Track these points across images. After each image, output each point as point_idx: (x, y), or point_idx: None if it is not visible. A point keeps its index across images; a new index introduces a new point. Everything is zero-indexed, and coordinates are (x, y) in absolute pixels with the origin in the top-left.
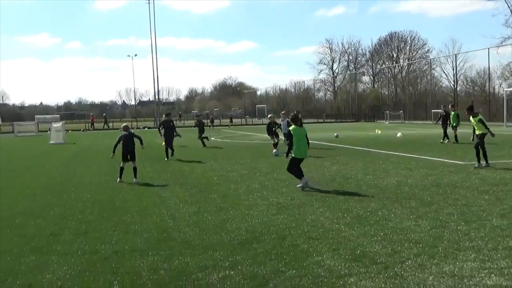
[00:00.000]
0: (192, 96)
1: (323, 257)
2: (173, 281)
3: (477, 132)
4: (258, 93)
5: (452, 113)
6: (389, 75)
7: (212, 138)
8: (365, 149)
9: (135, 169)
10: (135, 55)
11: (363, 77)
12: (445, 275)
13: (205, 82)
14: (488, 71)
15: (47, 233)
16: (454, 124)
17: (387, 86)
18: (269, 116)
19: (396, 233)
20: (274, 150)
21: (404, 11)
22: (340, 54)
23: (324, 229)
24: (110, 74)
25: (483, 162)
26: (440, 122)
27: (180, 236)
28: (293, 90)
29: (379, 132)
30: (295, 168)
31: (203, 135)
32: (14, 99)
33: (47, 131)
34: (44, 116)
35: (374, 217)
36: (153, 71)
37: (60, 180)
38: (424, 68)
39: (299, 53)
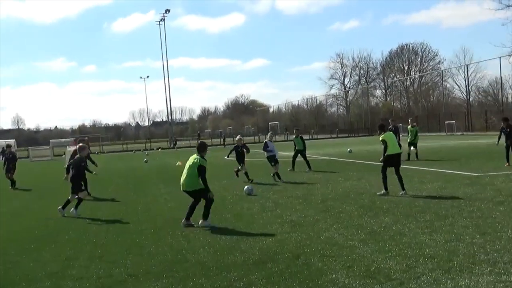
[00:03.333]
0: (205, 115)
1: (337, 275)
2: None
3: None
4: (271, 110)
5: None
6: (401, 88)
7: (225, 157)
8: (379, 163)
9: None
10: (147, 76)
11: (375, 90)
12: None
13: (218, 101)
14: (500, 81)
15: (62, 257)
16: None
17: (399, 99)
18: (237, 137)
19: (410, 248)
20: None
21: (417, 22)
22: (351, 69)
23: (338, 246)
24: (124, 96)
25: None
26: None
27: (195, 257)
28: (305, 106)
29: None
30: None
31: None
32: (29, 124)
33: (62, 155)
34: (59, 139)
35: (389, 232)
36: (166, 92)
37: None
38: (436, 79)
39: (311, 68)
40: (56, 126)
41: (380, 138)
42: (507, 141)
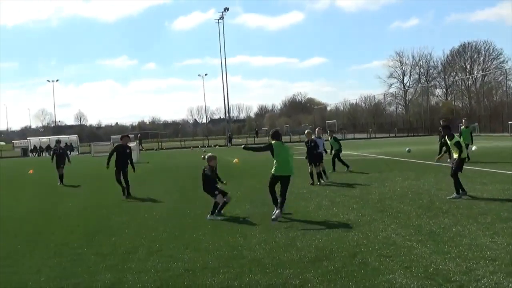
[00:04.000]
0: (262, 113)
1: (394, 275)
2: None
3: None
4: (328, 108)
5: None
6: (462, 87)
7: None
8: (438, 164)
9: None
10: (205, 74)
11: (436, 89)
12: None
13: (275, 99)
14: None
15: (122, 251)
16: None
17: (461, 98)
18: (208, 156)
19: (471, 250)
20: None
21: (480, 20)
22: (411, 67)
23: (395, 246)
24: (183, 93)
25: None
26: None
27: (251, 254)
28: (363, 104)
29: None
30: (271, 188)
31: None
32: (91, 120)
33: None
34: (119, 136)
35: (448, 233)
36: (223, 89)
37: (133, 199)
38: (500, 79)
39: (370, 67)
40: (116, 123)
41: (456, 141)
42: None
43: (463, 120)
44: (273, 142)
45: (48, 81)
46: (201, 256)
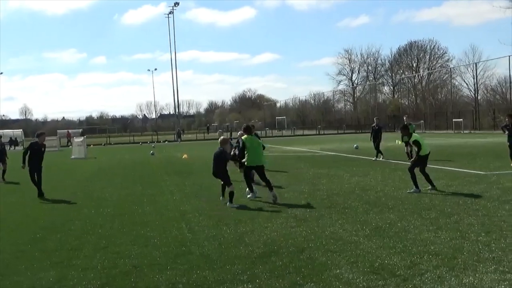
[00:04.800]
0: (212, 109)
1: (341, 270)
2: None
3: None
4: (278, 105)
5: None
6: (409, 85)
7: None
8: (385, 160)
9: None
10: (155, 69)
11: (383, 87)
12: (465, 287)
13: (226, 95)
14: (509, 80)
15: (68, 247)
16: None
17: (407, 96)
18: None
19: (415, 244)
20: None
21: (427, 20)
22: (359, 65)
23: (343, 242)
24: (132, 88)
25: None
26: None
27: (199, 250)
28: (312, 101)
29: (399, 142)
30: (247, 177)
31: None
32: (37, 114)
33: (68, 146)
34: (66, 130)
35: (394, 228)
36: (173, 84)
37: (81, 195)
38: (445, 77)
39: (320, 64)
40: (63, 117)
41: (415, 140)
42: (510, 139)
43: (404, 118)
44: (244, 136)
45: None
46: (149, 252)
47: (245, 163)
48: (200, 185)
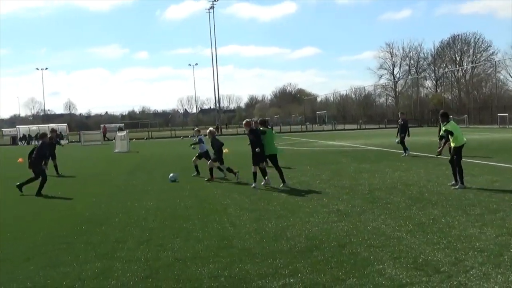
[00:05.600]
0: (252, 103)
1: (384, 266)
2: None
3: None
4: (318, 99)
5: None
6: (452, 79)
7: None
8: (428, 155)
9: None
10: (196, 64)
11: (425, 81)
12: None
13: (266, 90)
14: None
15: (112, 239)
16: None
17: (450, 90)
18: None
19: (460, 241)
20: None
21: (471, 12)
22: (401, 59)
23: (385, 237)
24: (174, 83)
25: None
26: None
27: (241, 244)
28: (353, 95)
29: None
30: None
31: None
32: (81, 109)
33: (112, 140)
34: (109, 125)
35: (437, 224)
36: (214, 79)
37: (124, 188)
38: (489, 71)
39: (361, 58)
40: (106, 112)
41: (447, 128)
42: None
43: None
44: (261, 128)
45: (37, 69)
46: (191, 245)
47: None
48: (241, 179)
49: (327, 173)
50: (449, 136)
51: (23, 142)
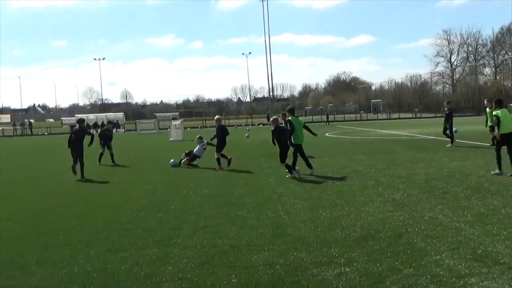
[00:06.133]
0: (306, 92)
1: (441, 256)
2: (289, 276)
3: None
4: (373, 88)
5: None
6: None
7: (326, 134)
8: (487, 144)
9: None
10: (249, 53)
11: (484, 69)
12: None
13: (320, 78)
14: None
15: (168, 226)
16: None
17: (510, 78)
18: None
19: None
20: None
21: None
22: (459, 46)
23: (442, 227)
24: (228, 72)
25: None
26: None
27: (295, 232)
28: (409, 84)
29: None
30: (296, 154)
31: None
32: (137, 98)
33: (167, 129)
34: (164, 114)
35: (497, 215)
36: (267, 68)
37: (180, 176)
38: None
39: (417, 45)
40: (161, 101)
41: (494, 112)
42: None
43: (485, 101)
44: (291, 117)
45: (95, 59)
46: (246, 233)
47: (292, 141)
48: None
49: (382, 162)
50: (497, 122)
51: None
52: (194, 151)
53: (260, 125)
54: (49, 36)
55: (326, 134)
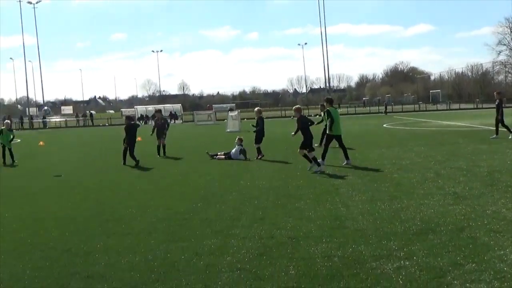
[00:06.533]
0: (363, 82)
1: (505, 252)
2: (347, 268)
3: None
4: (432, 78)
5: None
6: None
7: (384, 125)
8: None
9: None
10: (305, 43)
11: None
12: None
13: (377, 69)
14: None
15: (227, 217)
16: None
17: None
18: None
19: None
20: None
21: None
22: None
23: (506, 222)
24: (284, 63)
25: None
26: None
27: (353, 225)
28: (469, 73)
29: None
30: (327, 146)
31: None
32: (194, 89)
33: (223, 120)
34: (221, 105)
35: None
36: (323, 58)
37: (237, 167)
38: None
39: (478, 34)
40: (218, 92)
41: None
42: None
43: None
44: (329, 108)
45: (153, 51)
46: (304, 225)
47: (331, 133)
48: (353, 159)
49: (442, 154)
50: None
51: (141, 121)
52: (231, 152)
53: (317, 116)
54: (109, 29)
55: (384, 125)
